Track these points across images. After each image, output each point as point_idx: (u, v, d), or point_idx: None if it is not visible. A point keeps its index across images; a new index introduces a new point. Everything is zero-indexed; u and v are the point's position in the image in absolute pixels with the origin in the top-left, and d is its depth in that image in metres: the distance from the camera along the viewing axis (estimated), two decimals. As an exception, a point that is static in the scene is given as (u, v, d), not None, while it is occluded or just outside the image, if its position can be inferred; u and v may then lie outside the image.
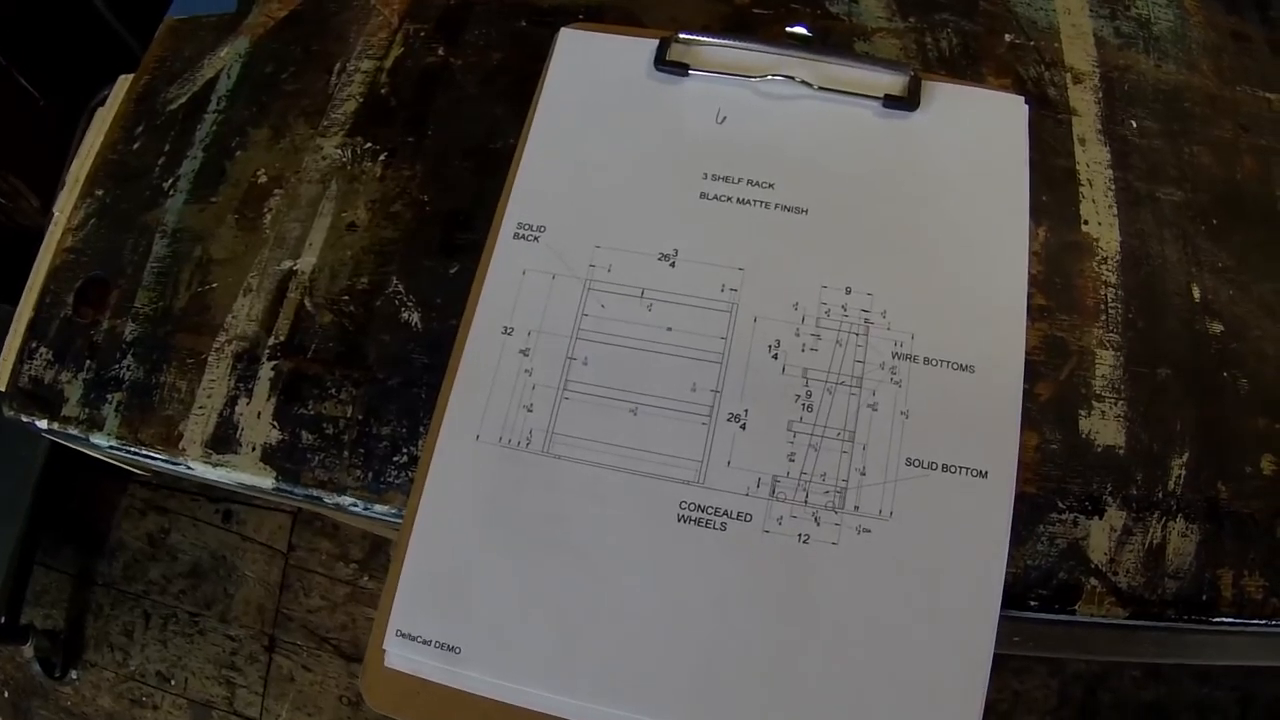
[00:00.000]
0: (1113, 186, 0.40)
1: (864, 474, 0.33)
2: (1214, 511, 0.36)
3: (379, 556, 1.11)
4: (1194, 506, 0.36)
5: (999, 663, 0.34)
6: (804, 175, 0.37)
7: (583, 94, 0.40)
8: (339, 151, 0.42)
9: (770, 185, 0.37)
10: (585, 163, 0.38)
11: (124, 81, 0.48)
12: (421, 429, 0.36)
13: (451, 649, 0.32)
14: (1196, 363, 0.38)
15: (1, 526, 1.06)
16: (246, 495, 1.21)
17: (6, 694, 1.23)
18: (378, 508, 0.36)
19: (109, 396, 0.40)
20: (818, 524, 0.33)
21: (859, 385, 0.34)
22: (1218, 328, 0.38)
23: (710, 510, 0.33)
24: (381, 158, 0.41)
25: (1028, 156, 0.38)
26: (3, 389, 0.43)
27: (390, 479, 0.36)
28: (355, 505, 0.36)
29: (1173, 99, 0.42)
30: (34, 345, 0.42)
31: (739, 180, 0.37)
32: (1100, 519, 0.36)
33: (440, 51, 0.43)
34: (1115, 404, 0.37)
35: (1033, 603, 0.35)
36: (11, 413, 0.42)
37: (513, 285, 0.36)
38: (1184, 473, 0.36)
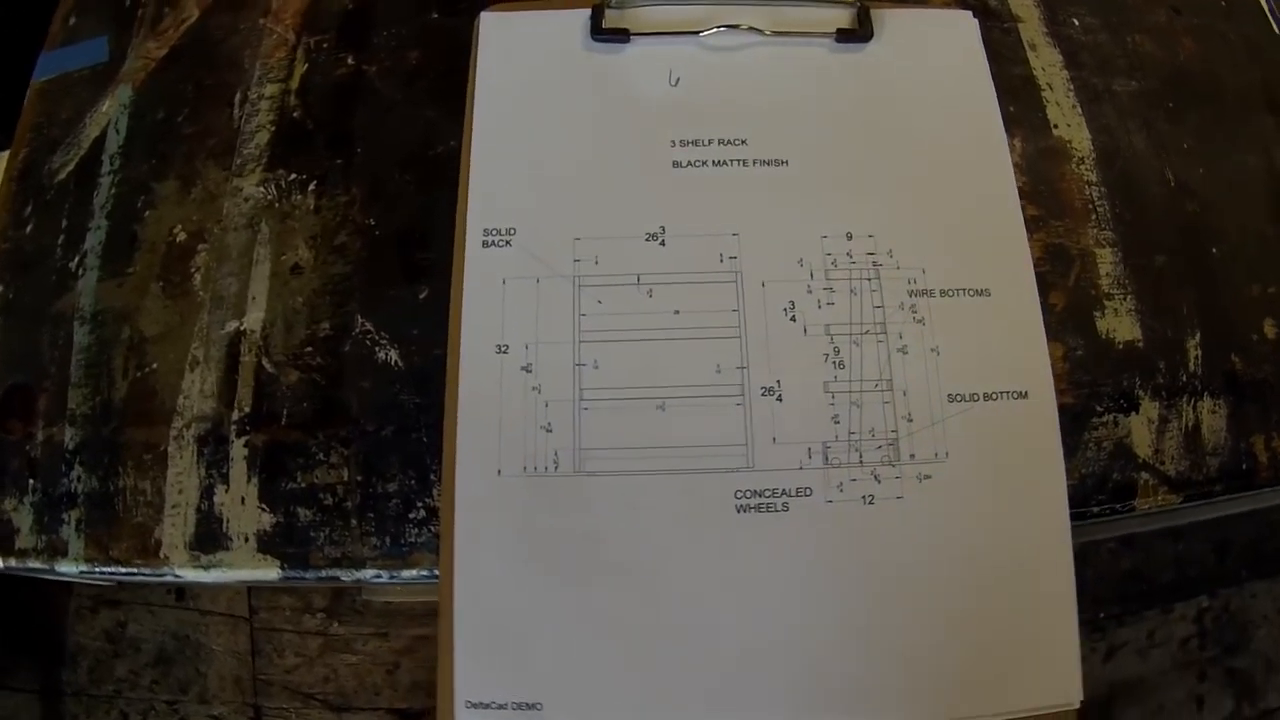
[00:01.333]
0: (1071, 87, 0.39)
1: (911, 420, 0.32)
2: (1234, 383, 0.36)
3: (343, 599, 1.05)
4: (1216, 382, 0.36)
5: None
6: (774, 125, 0.35)
7: (520, 79, 0.36)
8: (261, 190, 0.37)
9: (743, 141, 0.34)
10: (541, 152, 0.35)
11: None
12: (432, 476, 0.32)
13: (532, 707, 0.28)
14: (1185, 244, 0.37)
15: None
16: None
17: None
18: (405, 573, 0.31)
19: (65, 516, 0.34)
20: (878, 481, 0.31)
21: (884, 331, 0.32)
22: (1196, 207, 0.39)
23: (768, 494, 0.30)
24: (311, 187, 0.36)
25: (988, 69, 0.37)
26: None
27: (411, 539, 0.32)
28: (379, 576, 0.31)
29: (1104, -11, 0.42)
30: None
31: (709, 142, 0.34)
32: (1137, 414, 0.35)
33: (350, 60, 0.39)
34: (1125, 299, 0.36)
35: (1095, 509, 0.34)
36: None
37: (495, 298, 0.33)
38: (1200, 352, 0.36)
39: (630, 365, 0.31)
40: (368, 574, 0.31)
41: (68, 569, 0.34)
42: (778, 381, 0.31)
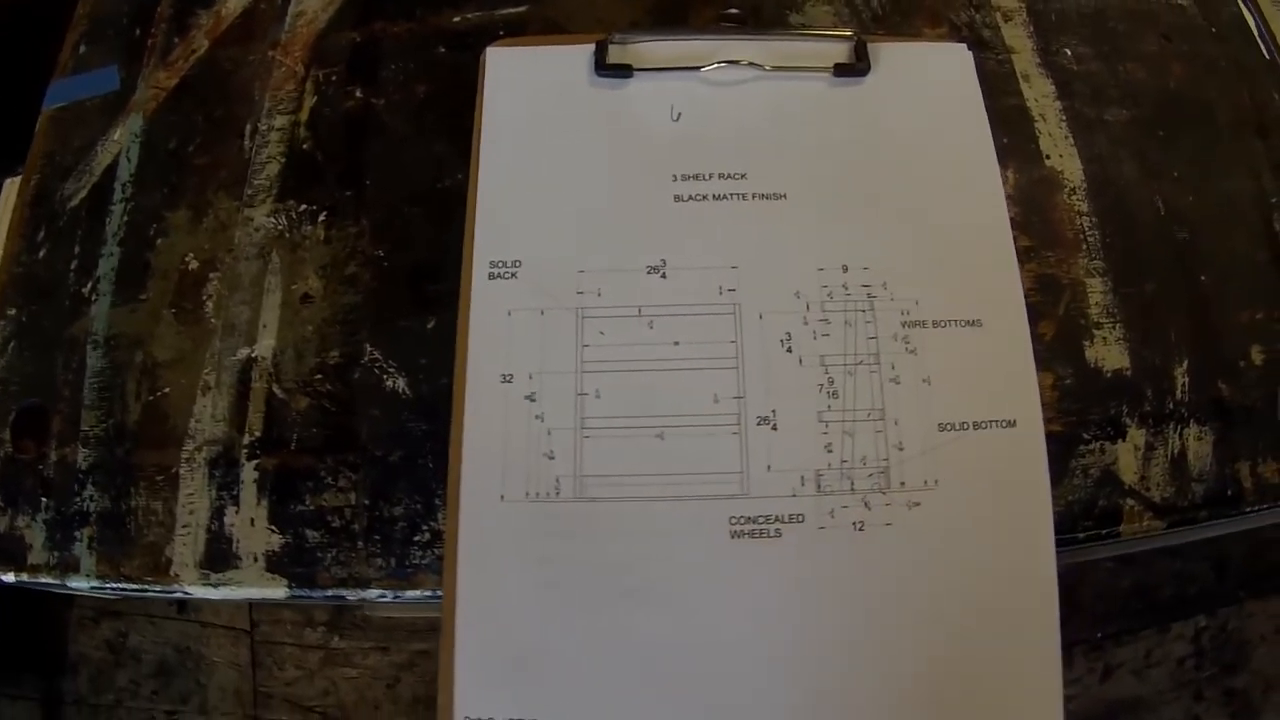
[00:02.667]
0: (1064, 117, 0.41)
1: (902, 449, 0.33)
2: (1221, 410, 0.38)
3: (345, 614, 1.07)
4: (1202, 409, 0.38)
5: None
6: (773, 159, 0.37)
7: (526, 113, 0.38)
8: (272, 220, 0.39)
9: (743, 175, 0.36)
10: (546, 185, 0.37)
11: (11, 185, 0.44)
12: (438, 501, 0.34)
13: (530, 724, 0.31)
14: (1176, 272, 0.39)
15: None
16: None
17: None
18: (409, 593, 0.33)
19: (77, 534, 0.36)
20: (869, 508, 0.33)
21: (877, 361, 0.34)
22: (1186, 234, 0.40)
23: (761, 520, 0.32)
24: (321, 219, 0.39)
25: (982, 101, 0.39)
26: None
27: (416, 561, 0.34)
28: (383, 596, 0.34)
29: (1098, 20, 0.43)
30: None
31: (710, 176, 0.36)
32: (1124, 441, 0.37)
33: (358, 94, 0.41)
34: (1114, 328, 0.38)
35: (1081, 534, 0.36)
36: None
37: (501, 329, 0.34)
38: (1187, 379, 0.38)
39: (631, 395, 0.33)
40: (373, 594, 0.33)
41: (79, 584, 0.36)
42: (773, 411, 0.33)
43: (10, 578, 0.36)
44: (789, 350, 0.34)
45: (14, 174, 0.45)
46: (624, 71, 0.37)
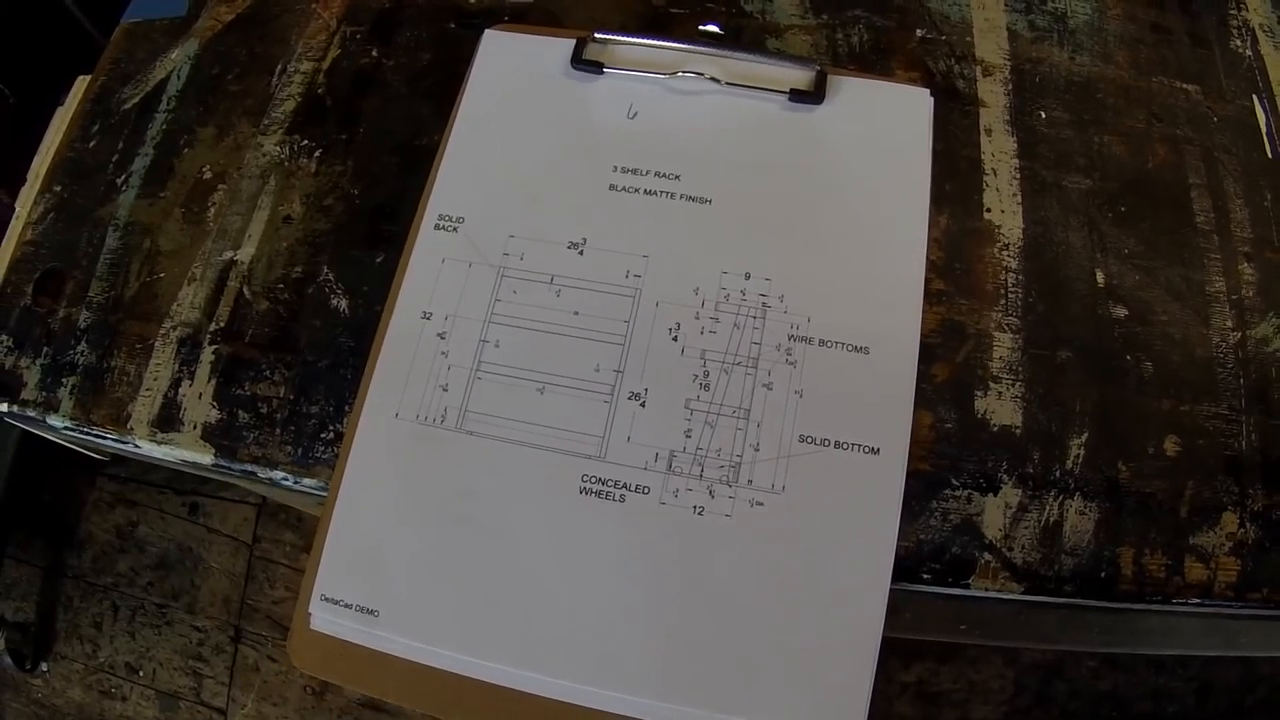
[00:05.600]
0: (1018, 175, 0.46)
1: (758, 450, 0.40)
2: (1114, 491, 0.42)
3: None
4: (1093, 485, 0.42)
5: (954, 651, 0.40)
6: (709, 167, 0.44)
7: (503, 92, 0.47)
8: (278, 149, 0.50)
9: (676, 177, 0.44)
10: (502, 158, 0.45)
11: (81, 82, 0.56)
12: (346, 408, 0.43)
13: (370, 612, 0.39)
14: (1099, 346, 0.44)
15: None
16: (214, 488, 1.31)
17: (-27, 685, 1.34)
18: (305, 481, 0.42)
19: (64, 380, 0.48)
20: (712, 497, 0.39)
21: (755, 366, 0.41)
22: (1122, 312, 0.44)
23: (610, 483, 0.40)
24: (316, 154, 0.49)
25: (930, 147, 0.45)
26: None
27: (318, 455, 0.43)
28: (286, 479, 0.43)
29: (1085, 90, 0.48)
30: None
31: (646, 172, 0.44)
32: (995, 495, 0.42)
33: (374, 53, 0.51)
34: (1013, 385, 0.43)
35: (925, 576, 0.41)
36: None
37: (432, 273, 0.43)
38: (1083, 452, 0.42)
39: (525, 350, 0.41)
40: (278, 474, 0.43)
41: (55, 423, 0.47)
42: (645, 389, 0.40)
43: (3, 407, 0.48)
44: (675, 339, 0.41)
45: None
46: (595, 68, 0.46)
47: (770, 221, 0.43)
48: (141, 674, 1.25)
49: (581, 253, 0.43)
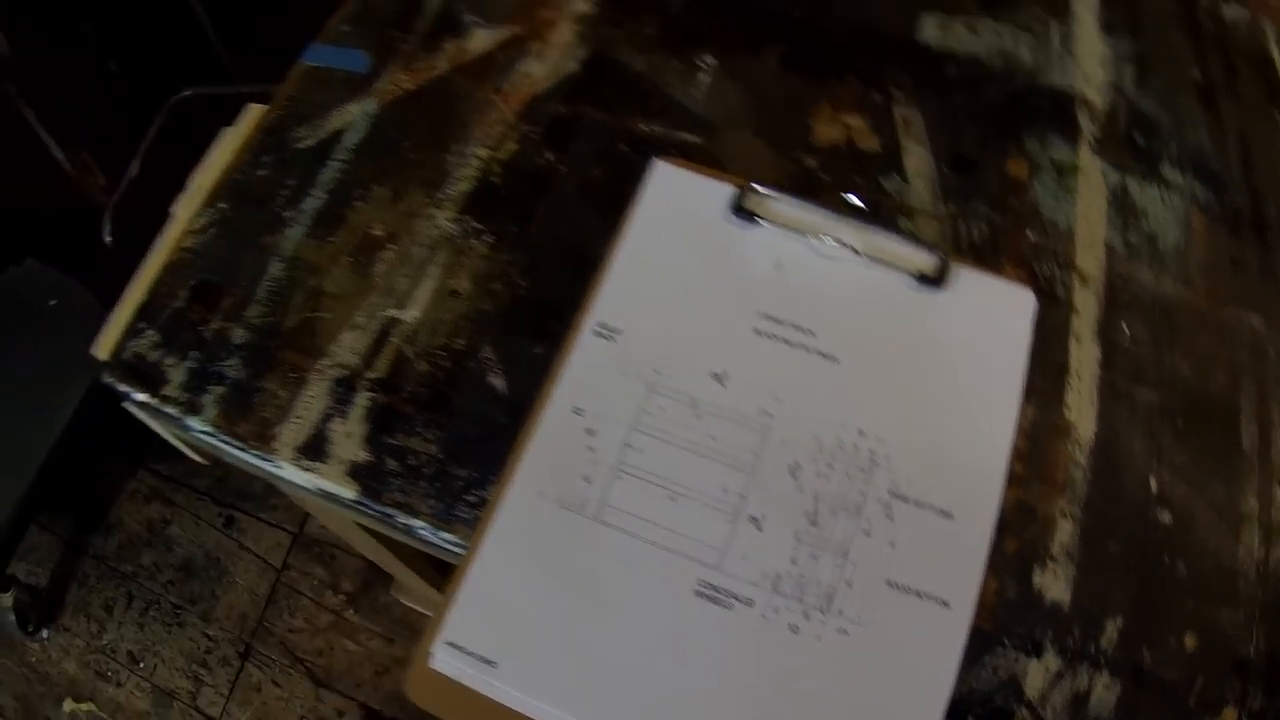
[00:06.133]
0: (1098, 382, 0.54)
1: (850, 586, 0.47)
2: (1137, 673, 0.50)
3: (370, 593, 1.23)
4: (1120, 665, 0.49)
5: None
6: (840, 329, 0.51)
7: (666, 220, 0.54)
8: (451, 225, 0.56)
9: (812, 333, 0.51)
10: (662, 282, 0.52)
11: (254, 110, 0.62)
12: (492, 477, 0.49)
13: (489, 663, 0.45)
14: (1144, 544, 0.51)
15: (10, 477, 1.18)
16: (253, 506, 1.34)
17: (-28, 636, 1.33)
18: (444, 535, 0.48)
19: (209, 388, 0.53)
20: (807, 619, 0.46)
21: (858, 514, 0.48)
22: (1168, 518, 0.52)
23: (722, 591, 0.46)
24: (487, 239, 0.55)
25: (1029, 344, 0.53)
26: (106, 358, 0.56)
27: (460, 514, 0.48)
28: (424, 529, 0.48)
29: (1165, 311, 0.56)
30: (141, 326, 0.55)
31: (786, 323, 0.51)
32: (1039, 660, 0.49)
33: (549, 156, 0.58)
34: (1067, 566, 0.50)
35: (969, 718, 0.48)
36: (110, 381, 0.55)
37: (587, 375, 0.50)
38: (1117, 635, 0.50)
39: (664, 460, 0.48)
40: (417, 523, 0.48)
41: (194, 424, 0.52)
42: (763, 515, 0.47)
43: (144, 397, 0.53)
44: (794, 477, 0.48)
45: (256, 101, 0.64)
46: (751, 218, 0.53)
47: (886, 387, 0.50)
48: (142, 665, 1.26)
49: (723, 384, 0.49)
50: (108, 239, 1.43)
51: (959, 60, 0.62)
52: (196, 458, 0.64)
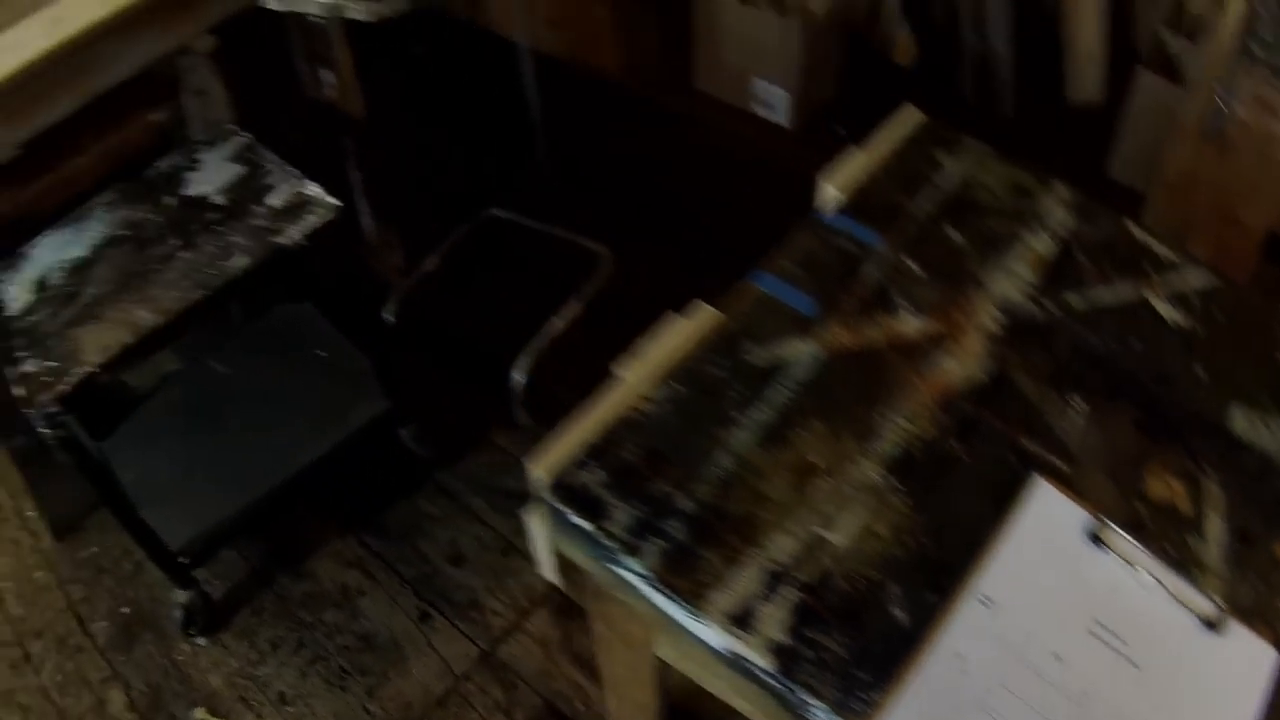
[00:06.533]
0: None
1: None
2: None
3: None
4: None
5: None
6: (1148, 646, 0.70)
7: (1033, 532, 0.73)
8: (876, 478, 0.75)
9: (1128, 644, 0.70)
10: (1029, 577, 0.71)
11: (706, 310, 0.82)
12: (884, 684, 0.67)
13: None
14: None
15: (241, 489, 1.34)
16: (452, 611, 1.38)
17: (128, 611, 1.45)
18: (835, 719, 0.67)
19: (651, 539, 0.71)
20: None
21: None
22: None
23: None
24: (906, 500, 0.73)
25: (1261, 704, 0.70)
26: (547, 478, 0.72)
27: (852, 706, 0.66)
28: (822, 711, 0.66)
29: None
30: (588, 461, 0.74)
31: (1113, 636, 0.70)
32: None
33: (954, 444, 0.77)
34: None
35: None
36: (548, 500, 0.73)
37: (968, 630, 0.68)
38: None
39: (1011, 709, 0.66)
40: (818, 705, 0.64)
41: (630, 563, 0.69)
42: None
43: (583, 523, 0.71)
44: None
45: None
46: (1102, 545, 0.72)
47: (1165, 694, 0.68)
48: (289, 709, 1.31)
49: (1060, 661, 0.68)
50: (389, 318, 1.54)
51: (1255, 453, 0.81)
52: (550, 574, 0.80)
